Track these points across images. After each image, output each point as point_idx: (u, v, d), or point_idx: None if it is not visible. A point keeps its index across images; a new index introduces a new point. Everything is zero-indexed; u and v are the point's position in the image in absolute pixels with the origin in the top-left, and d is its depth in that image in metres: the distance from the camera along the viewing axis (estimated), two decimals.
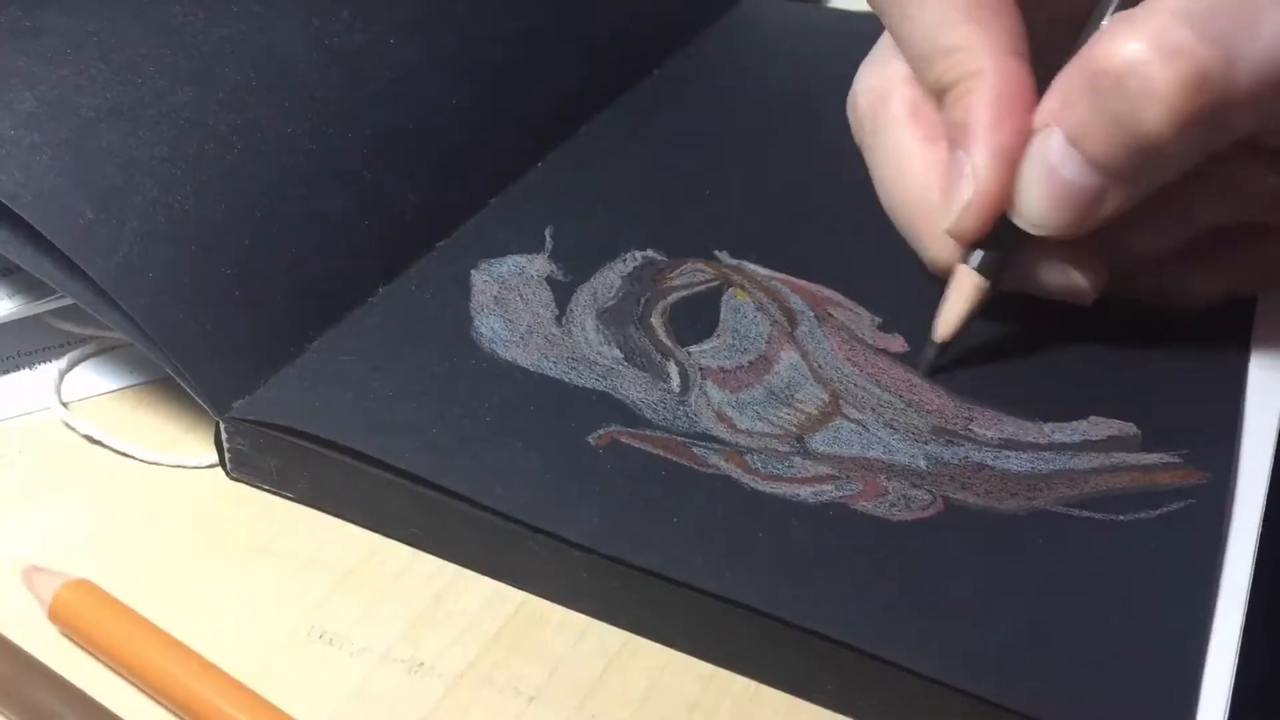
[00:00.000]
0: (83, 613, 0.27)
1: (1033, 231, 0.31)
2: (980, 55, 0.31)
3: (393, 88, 0.38)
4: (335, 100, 0.37)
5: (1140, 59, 0.28)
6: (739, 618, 0.27)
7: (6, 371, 0.35)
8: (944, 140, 0.33)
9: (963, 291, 0.33)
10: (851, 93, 0.36)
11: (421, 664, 0.28)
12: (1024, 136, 0.31)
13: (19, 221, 0.31)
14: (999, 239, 0.32)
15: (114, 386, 0.35)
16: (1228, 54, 0.28)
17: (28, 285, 0.34)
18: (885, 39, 0.36)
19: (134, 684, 0.27)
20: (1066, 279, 0.33)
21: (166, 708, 0.26)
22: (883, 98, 0.35)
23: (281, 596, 0.29)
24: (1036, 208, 0.31)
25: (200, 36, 0.36)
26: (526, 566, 0.29)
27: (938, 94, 0.32)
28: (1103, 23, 0.31)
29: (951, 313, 0.33)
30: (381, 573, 0.30)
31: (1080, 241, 0.32)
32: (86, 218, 0.31)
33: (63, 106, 0.33)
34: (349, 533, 0.31)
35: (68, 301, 0.34)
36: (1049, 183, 0.30)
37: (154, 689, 0.26)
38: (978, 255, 0.32)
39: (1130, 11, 0.29)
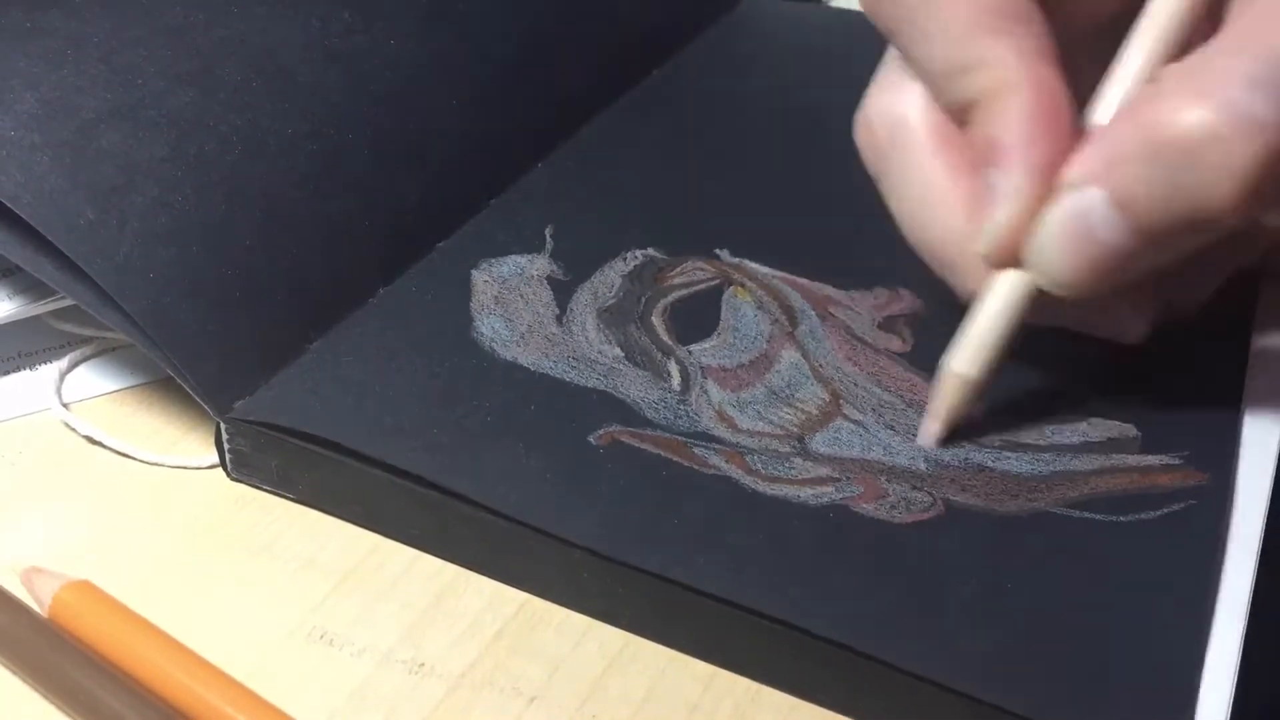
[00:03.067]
0: (82, 614, 0.27)
1: (1048, 289, 0.29)
2: (1010, 66, 0.29)
3: (393, 88, 0.38)
4: (336, 101, 0.37)
5: (1214, 132, 0.26)
6: (741, 620, 0.27)
7: (7, 372, 0.35)
8: (974, 171, 0.31)
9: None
10: (863, 117, 0.34)
11: (422, 664, 0.28)
12: (1064, 152, 0.29)
13: (19, 222, 0.31)
14: None
15: (114, 387, 0.35)
16: None
17: (28, 286, 0.34)
18: (893, 58, 0.34)
19: (134, 685, 0.27)
20: (1112, 319, 0.32)
21: (167, 708, 0.26)
22: (901, 123, 0.32)
23: (281, 596, 0.29)
24: (1062, 267, 0.29)
25: (201, 37, 0.36)
26: (527, 567, 0.29)
27: (963, 111, 0.30)
28: (1137, 61, 0.29)
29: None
30: (381, 573, 0.30)
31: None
32: (87, 218, 0.31)
33: (63, 107, 0.33)
34: (349, 533, 0.31)
35: (68, 302, 0.34)
36: (1082, 243, 0.28)
37: (154, 690, 0.26)
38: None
39: (1187, 66, 0.27)
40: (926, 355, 0.34)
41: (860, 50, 0.37)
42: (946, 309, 0.36)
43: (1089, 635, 0.26)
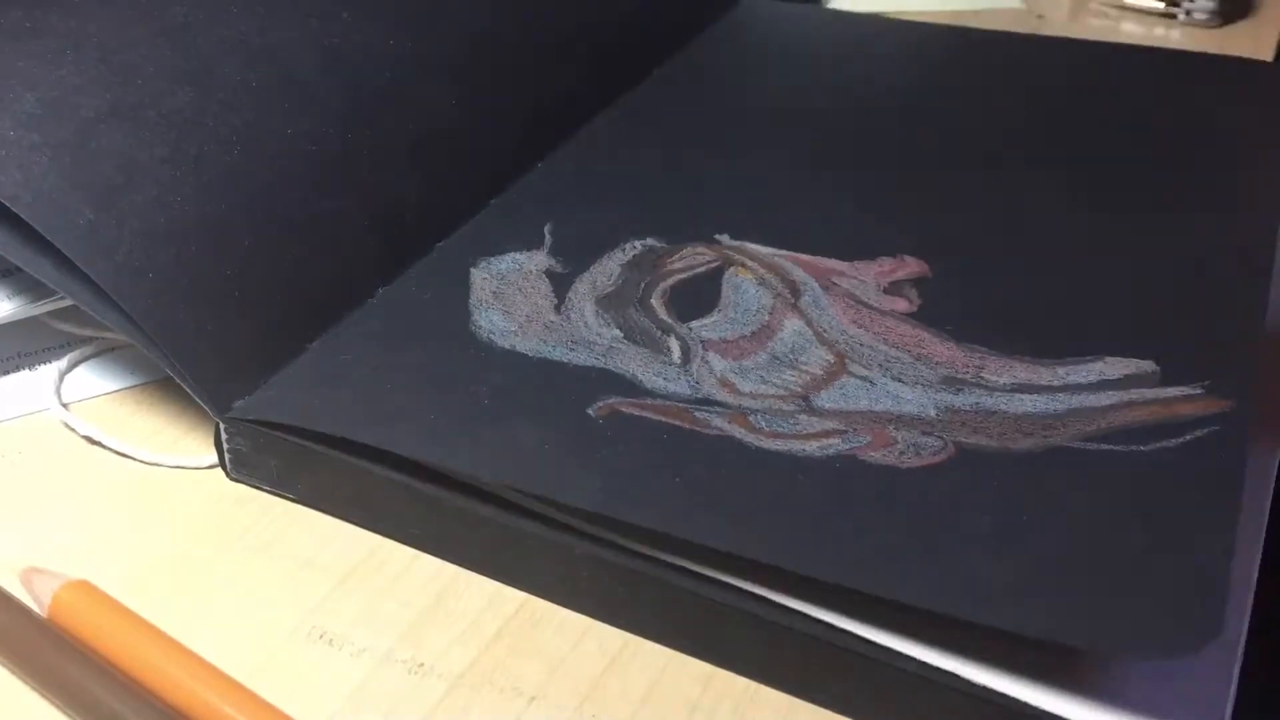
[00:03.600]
0: (81, 614, 0.27)
1: None
2: None
3: (393, 88, 0.38)
4: (335, 100, 0.37)
5: None
6: (740, 616, 0.27)
7: (7, 372, 0.35)
8: None
9: None
10: None
11: (422, 664, 0.28)
12: None
13: (19, 222, 0.31)
14: None
15: (114, 387, 0.35)
16: None
17: (28, 286, 0.34)
18: None
19: (133, 685, 0.27)
20: None
21: (166, 708, 0.26)
22: None
23: (281, 596, 0.29)
24: None
25: (200, 37, 0.36)
26: (527, 566, 0.29)
27: None
28: None
29: None
30: (381, 573, 0.30)
31: None
32: (86, 218, 0.31)
33: (63, 107, 0.33)
34: (349, 533, 0.31)
35: (68, 302, 0.34)
36: None
37: (153, 690, 0.26)
38: None
39: None
40: (934, 313, 0.34)
41: (858, 50, 0.37)
42: (953, 271, 0.36)
43: (1111, 560, 0.26)
